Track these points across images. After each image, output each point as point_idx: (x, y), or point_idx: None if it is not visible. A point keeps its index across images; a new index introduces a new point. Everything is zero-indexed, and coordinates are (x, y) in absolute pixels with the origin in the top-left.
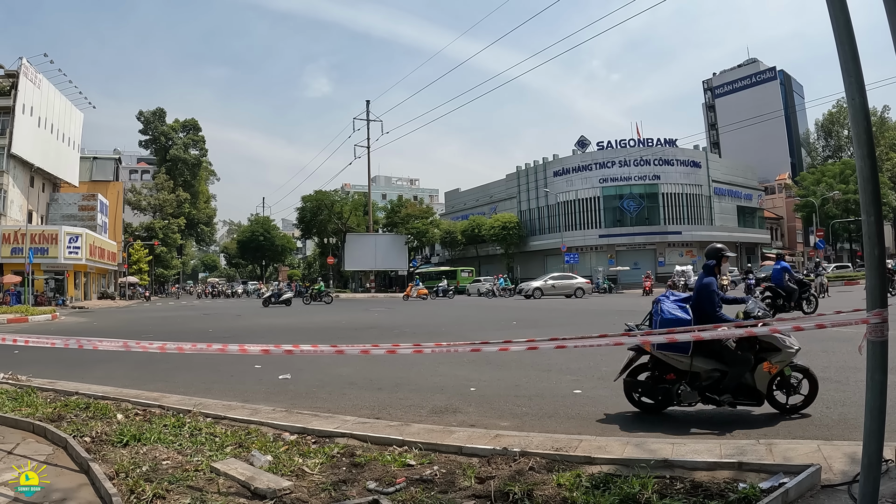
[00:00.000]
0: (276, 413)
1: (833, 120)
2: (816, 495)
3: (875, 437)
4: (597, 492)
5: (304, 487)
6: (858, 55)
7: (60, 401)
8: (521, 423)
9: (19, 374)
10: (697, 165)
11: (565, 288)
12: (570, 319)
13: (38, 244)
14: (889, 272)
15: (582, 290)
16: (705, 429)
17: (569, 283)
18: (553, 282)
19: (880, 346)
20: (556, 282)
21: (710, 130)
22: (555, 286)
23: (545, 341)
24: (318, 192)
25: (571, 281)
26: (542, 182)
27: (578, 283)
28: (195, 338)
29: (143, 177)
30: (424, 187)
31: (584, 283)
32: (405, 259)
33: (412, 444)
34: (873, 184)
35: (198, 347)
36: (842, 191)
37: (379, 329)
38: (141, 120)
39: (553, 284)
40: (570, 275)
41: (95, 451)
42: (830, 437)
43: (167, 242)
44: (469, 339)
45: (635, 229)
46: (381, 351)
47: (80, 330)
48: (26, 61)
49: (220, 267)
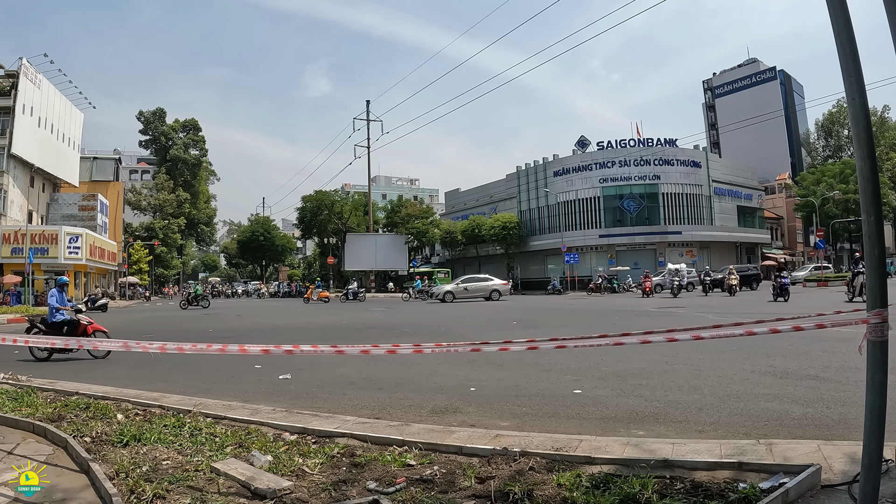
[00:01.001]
0: (277, 413)
1: (833, 120)
2: (816, 495)
3: (875, 437)
4: (597, 492)
5: (304, 487)
6: (858, 55)
7: (60, 401)
8: (521, 423)
9: (19, 374)
10: (697, 165)
11: (480, 290)
12: (570, 319)
13: (38, 244)
14: None
15: (498, 292)
16: (705, 429)
17: (484, 286)
18: (466, 284)
19: (880, 346)
20: (470, 284)
21: (710, 130)
22: (468, 289)
23: (545, 341)
24: (318, 192)
25: (486, 283)
26: (542, 182)
27: (494, 285)
28: (195, 338)
29: (144, 177)
30: (424, 187)
31: (500, 284)
32: (405, 259)
33: (412, 444)
34: (873, 184)
35: (198, 347)
36: (842, 191)
37: (379, 329)
38: (141, 120)
39: (466, 287)
40: (486, 277)
41: (95, 452)
42: (830, 437)
43: (167, 242)
44: (469, 339)
45: (635, 229)
46: (381, 351)
47: None
48: (26, 61)
49: (221, 267)
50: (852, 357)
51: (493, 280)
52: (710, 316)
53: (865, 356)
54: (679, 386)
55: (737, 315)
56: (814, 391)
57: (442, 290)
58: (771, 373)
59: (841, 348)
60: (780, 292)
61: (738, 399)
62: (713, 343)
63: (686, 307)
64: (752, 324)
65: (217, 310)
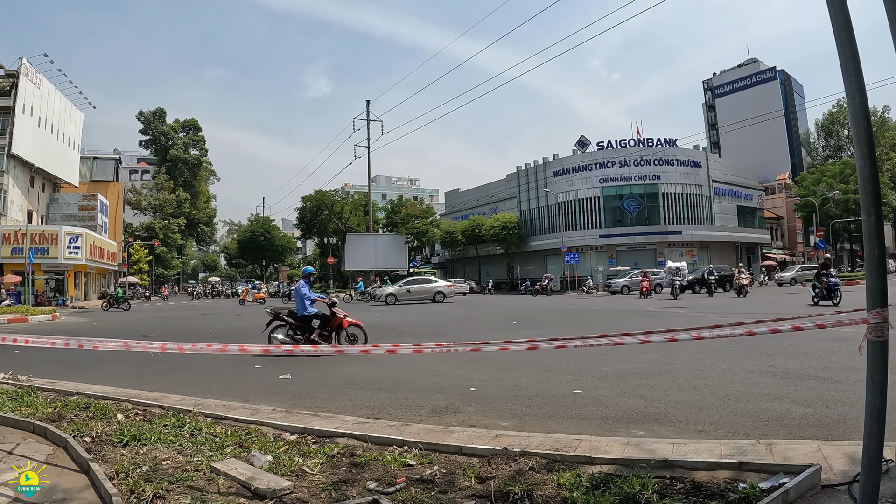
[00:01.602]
0: (277, 413)
1: (833, 120)
2: (816, 495)
3: (875, 437)
4: (597, 492)
5: (304, 487)
6: (858, 55)
7: (60, 401)
8: (522, 423)
9: (19, 374)
10: (697, 165)
11: (423, 292)
12: (570, 319)
13: (39, 244)
14: None
15: (442, 293)
16: (705, 429)
17: (427, 288)
18: (409, 287)
19: (880, 346)
20: (413, 286)
21: (710, 130)
22: (410, 291)
23: (545, 341)
24: (318, 192)
25: (430, 285)
26: (542, 182)
27: (438, 286)
28: (195, 338)
29: (144, 177)
30: (424, 187)
31: (444, 286)
32: (405, 259)
33: (412, 444)
34: (873, 184)
35: (198, 347)
36: (842, 191)
37: (379, 329)
38: (141, 120)
39: (409, 289)
40: (429, 278)
41: (96, 451)
42: (830, 437)
43: (167, 242)
44: (469, 339)
45: (635, 229)
46: (381, 351)
47: (81, 330)
48: (26, 61)
49: (221, 267)
50: (852, 357)
51: (437, 282)
52: (710, 316)
53: (865, 356)
54: (679, 386)
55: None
56: (814, 391)
57: (384, 293)
58: (771, 373)
59: (841, 348)
60: (827, 293)
61: (738, 399)
62: (713, 343)
63: (686, 307)
64: (752, 324)
65: (217, 310)
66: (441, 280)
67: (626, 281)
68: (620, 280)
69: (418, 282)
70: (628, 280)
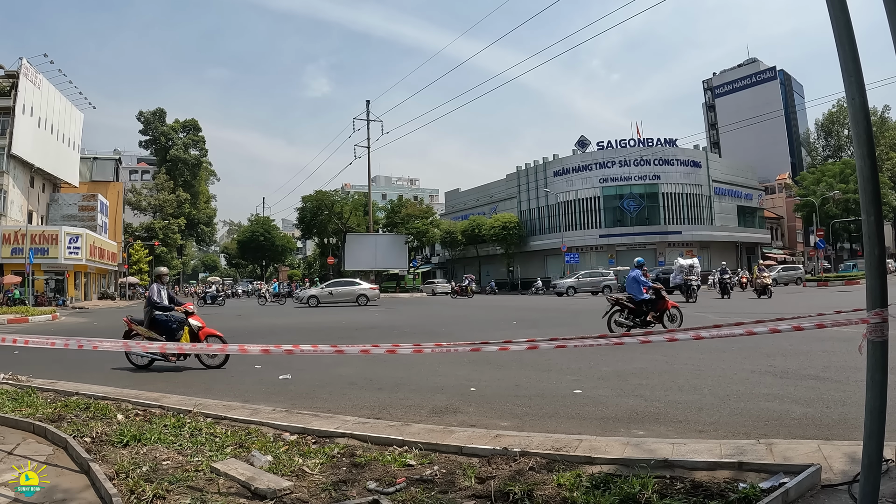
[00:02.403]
0: (277, 413)
1: (833, 119)
2: (816, 495)
3: (875, 436)
4: (597, 492)
5: (304, 487)
6: (858, 55)
7: (61, 401)
8: (522, 423)
9: (19, 374)
10: (697, 165)
11: (346, 295)
12: (571, 319)
13: (39, 244)
14: None
15: (366, 296)
16: (705, 428)
17: (350, 290)
18: (331, 289)
19: (880, 346)
20: (335, 289)
21: (710, 130)
22: (332, 293)
23: (545, 341)
24: (318, 193)
25: (353, 288)
26: (542, 182)
27: (361, 289)
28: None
29: (144, 177)
30: (424, 187)
31: (367, 288)
32: (405, 259)
33: (412, 444)
34: (873, 183)
35: (198, 347)
36: (842, 190)
37: (379, 329)
38: (141, 120)
39: (331, 292)
40: (353, 281)
41: (96, 452)
42: (830, 437)
43: (167, 243)
44: (469, 339)
45: (635, 229)
46: (381, 351)
47: (81, 330)
48: (26, 62)
49: (221, 267)
50: (852, 357)
51: (361, 284)
52: (710, 316)
53: (865, 356)
54: (679, 386)
55: None
56: (814, 391)
57: (306, 295)
58: (771, 373)
59: (841, 348)
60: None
61: (738, 399)
62: (713, 343)
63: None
64: (752, 324)
65: (217, 310)
66: (364, 283)
67: (572, 282)
68: (567, 280)
69: (341, 284)
70: (575, 281)
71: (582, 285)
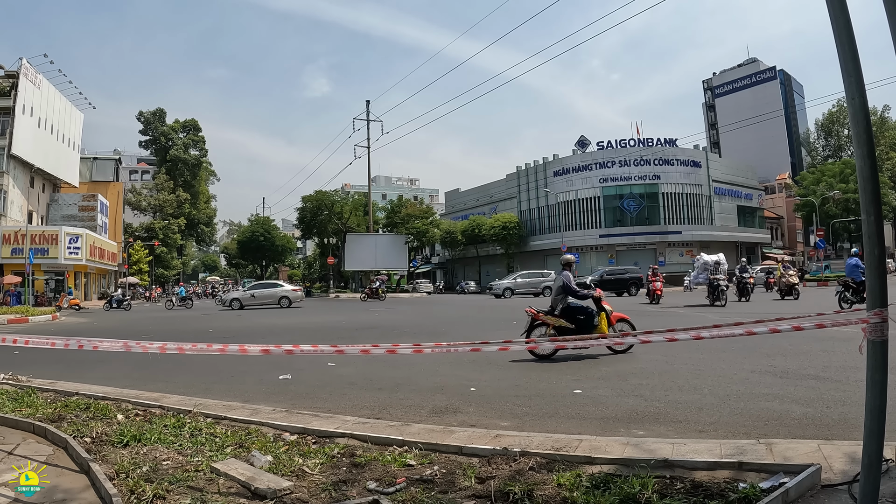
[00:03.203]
0: (277, 413)
1: (833, 119)
2: (817, 495)
3: (875, 436)
4: (597, 492)
5: (304, 487)
6: (858, 55)
7: (61, 401)
8: (522, 423)
9: (19, 374)
10: (697, 165)
11: (268, 297)
12: None
13: (39, 244)
14: None
15: (288, 299)
16: (705, 428)
17: (272, 293)
18: (253, 291)
19: (880, 346)
20: (257, 291)
21: (710, 130)
22: (255, 296)
23: (545, 341)
24: (318, 193)
25: (275, 290)
26: (543, 182)
27: (283, 291)
28: (195, 338)
29: (144, 177)
30: (424, 187)
31: (290, 290)
32: (405, 259)
33: (412, 444)
34: (873, 183)
35: (198, 347)
36: (842, 190)
37: (379, 329)
38: (141, 120)
39: (253, 294)
40: (275, 283)
41: (96, 452)
42: (830, 437)
43: (167, 243)
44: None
45: (635, 229)
46: (381, 351)
47: (81, 330)
48: (26, 62)
49: (221, 267)
50: (852, 357)
51: (283, 286)
52: (710, 316)
53: (865, 356)
54: (679, 386)
55: None
56: (814, 391)
57: (229, 298)
58: (771, 372)
59: (841, 348)
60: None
61: (738, 399)
62: (713, 343)
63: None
64: (752, 324)
65: (217, 310)
66: (287, 285)
67: (508, 283)
68: (503, 282)
69: (264, 286)
70: (511, 282)
71: (519, 287)
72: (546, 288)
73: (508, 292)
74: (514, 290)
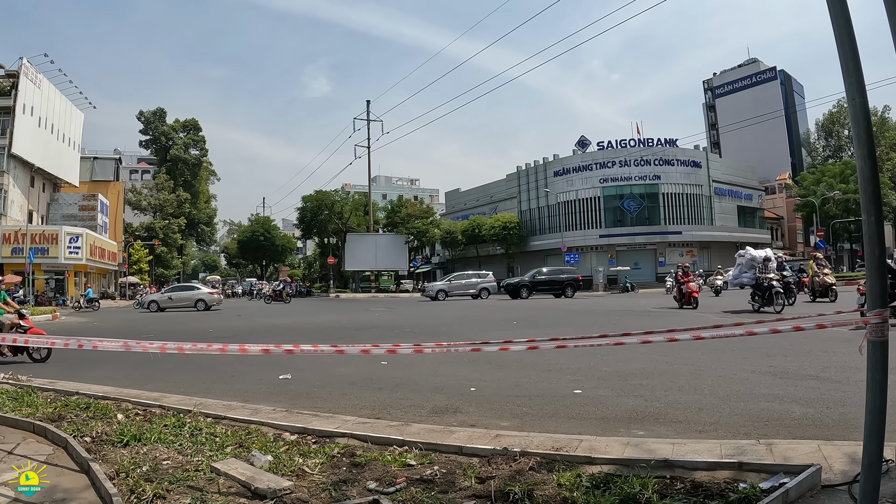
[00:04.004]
0: (277, 413)
1: (833, 120)
2: (817, 495)
3: (875, 437)
4: (597, 492)
5: (304, 487)
6: (858, 55)
7: (61, 401)
8: (522, 423)
9: (19, 374)
10: (698, 165)
11: (184, 300)
12: (571, 319)
13: (39, 244)
14: None
15: (204, 301)
16: (705, 429)
17: (189, 295)
18: (171, 294)
19: (880, 346)
20: (174, 294)
21: (710, 130)
22: (172, 298)
23: (545, 341)
24: (318, 192)
25: (192, 293)
26: (543, 182)
27: (200, 294)
28: (195, 338)
29: (144, 177)
30: (424, 187)
31: (206, 293)
32: (405, 259)
33: (412, 444)
34: (873, 184)
35: (198, 347)
36: (842, 190)
37: (379, 329)
38: (141, 120)
39: (170, 297)
40: (191, 286)
41: (96, 451)
42: (830, 437)
43: (167, 242)
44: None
45: (635, 229)
46: (381, 351)
47: (81, 330)
48: (26, 61)
49: (221, 267)
50: (852, 357)
51: (200, 289)
52: (710, 316)
53: (865, 356)
54: (679, 386)
55: None
56: (814, 391)
57: (147, 300)
58: (771, 373)
59: (841, 348)
60: None
61: (738, 399)
62: (713, 343)
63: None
64: (753, 324)
65: (217, 310)
66: (203, 288)
67: (442, 285)
68: (437, 284)
69: (181, 289)
70: (446, 284)
71: (454, 289)
72: (483, 290)
73: (442, 294)
74: (449, 291)
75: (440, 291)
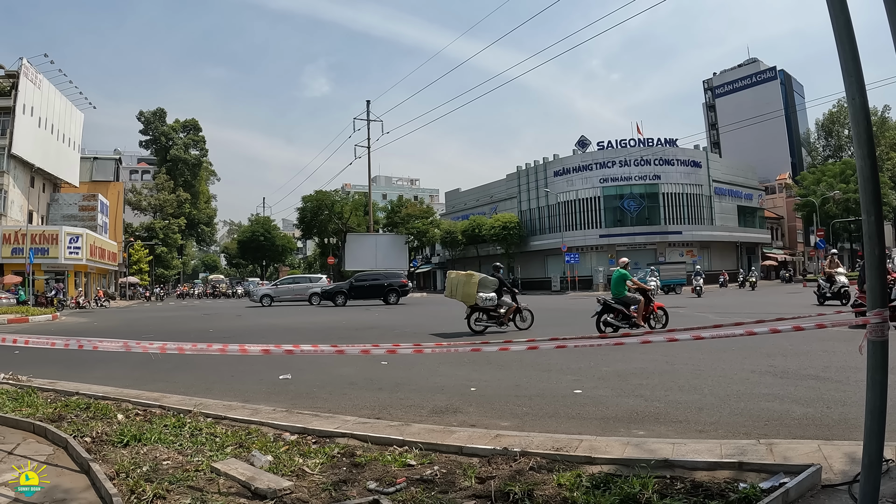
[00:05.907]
0: (277, 413)
1: (833, 119)
2: (817, 495)
3: (875, 436)
4: (597, 492)
5: (304, 487)
6: (858, 55)
7: (61, 401)
8: (522, 423)
9: (20, 374)
10: (698, 165)
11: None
12: (571, 319)
13: (39, 244)
14: None
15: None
16: (706, 429)
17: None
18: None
19: (880, 346)
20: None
21: (710, 130)
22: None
23: (545, 341)
24: (318, 193)
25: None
26: (543, 182)
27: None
28: (195, 338)
29: (144, 177)
30: (424, 187)
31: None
32: (405, 259)
33: (412, 444)
34: (873, 183)
35: (198, 347)
36: (842, 190)
37: (379, 329)
38: (141, 120)
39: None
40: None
41: (96, 452)
42: (831, 437)
43: (168, 242)
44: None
45: (636, 229)
46: (381, 351)
47: (81, 330)
48: (26, 61)
49: (221, 267)
50: (852, 357)
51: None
52: (710, 316)
53: (865, 356)
54: (679, 386)
55: None
56: (814, 391)
57: (258, 294)
58: (771, 373)
59: (841, 348)
60: None
61: (738, 399)
62: (713, 343)
63: (687, 306)
64: (753, 324)
65: (217, 310)
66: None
67: (268, 290)
68: (263, 288)
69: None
70: (272, 289)
71: (282, 294)
72: (314, 294)
73: (267, 300)
74: (275, 297)
75: (265, 296)
